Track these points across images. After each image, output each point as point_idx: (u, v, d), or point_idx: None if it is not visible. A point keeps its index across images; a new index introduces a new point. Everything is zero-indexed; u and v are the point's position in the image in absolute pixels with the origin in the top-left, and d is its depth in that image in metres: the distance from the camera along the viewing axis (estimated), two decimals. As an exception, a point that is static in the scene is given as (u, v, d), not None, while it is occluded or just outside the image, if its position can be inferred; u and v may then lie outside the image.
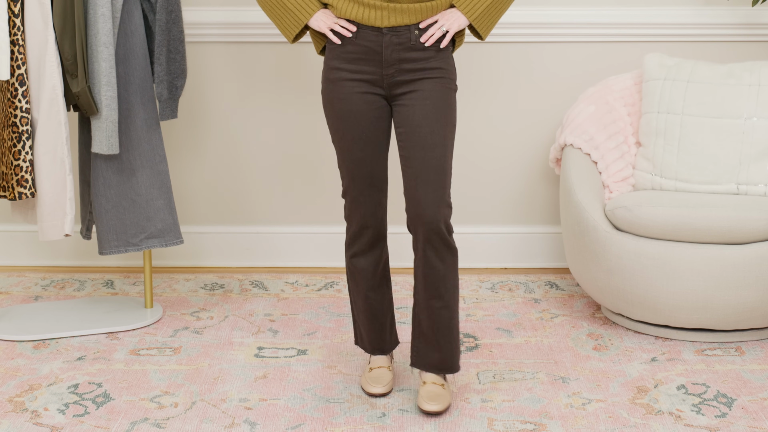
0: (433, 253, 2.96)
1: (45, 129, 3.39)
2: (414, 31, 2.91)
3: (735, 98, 3.68)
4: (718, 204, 3.45)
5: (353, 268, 3.11)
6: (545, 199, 4.28)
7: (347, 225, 3.07)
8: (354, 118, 2.95)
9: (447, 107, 2.94)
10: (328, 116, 3.00)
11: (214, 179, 4.27)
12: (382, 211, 3.05)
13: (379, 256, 3.09)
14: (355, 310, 3.19)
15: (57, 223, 3.43)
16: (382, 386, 3.10)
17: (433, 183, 2.91)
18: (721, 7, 4.11)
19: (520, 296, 3.98)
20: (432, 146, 2.90)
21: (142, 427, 2.92)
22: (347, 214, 3.05)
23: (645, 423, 2.94)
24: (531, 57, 4.18)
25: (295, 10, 2.96)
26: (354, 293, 3.16)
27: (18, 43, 3.35)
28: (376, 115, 2.96)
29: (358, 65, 2.93)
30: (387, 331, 3.18)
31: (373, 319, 3.15)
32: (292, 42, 3.01)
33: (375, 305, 3.13)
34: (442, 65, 2.95)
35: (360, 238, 3.05)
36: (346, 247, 3.10)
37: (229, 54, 4.17)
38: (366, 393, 3.12)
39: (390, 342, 3.21)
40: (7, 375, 3.26)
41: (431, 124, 2.91)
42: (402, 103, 2.95)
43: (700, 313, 3.43)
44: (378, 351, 3.19)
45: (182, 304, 3.88)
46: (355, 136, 2.95)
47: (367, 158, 2.97)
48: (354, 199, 3.01)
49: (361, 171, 2.98)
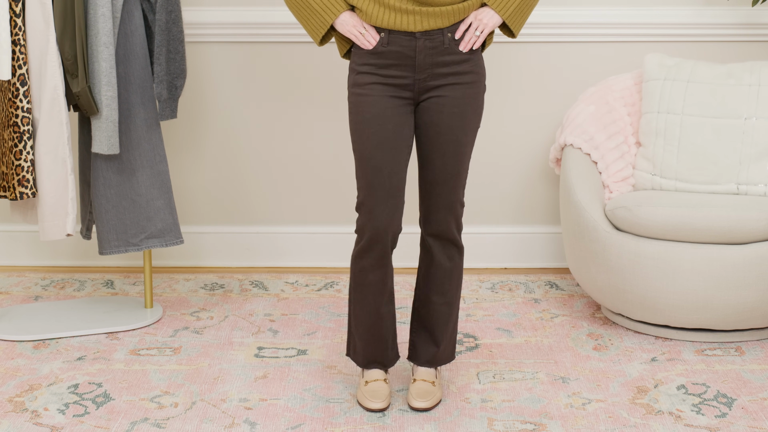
0: (441, 251, 2.99)
1: (46, 129, 3.39)
2: (447, 34, 2.84)
3: (735, 98, 3.68)
4: (718, 204, 3.45)
5: (363, 280, 2.97)
6: (545, 199, 4.28)
7: (358, 237, 2.93)
8: (379, 123, 2.84)
9: (474, 114, 2.89)
10: (353, 121, 2.89)
11: (214, 179, 4.27)
12: (397, 224, 2.91)
13: (387, 271, 2.97)
14: (353, 321, 3.06)
15: (59, 222, 3.43)
16: (381, 401, 3.00)
17: (449, 187, 2.91)
18: (721, 7, 4.11)
19: (520, 296, 3.98)
20: (453, 154, 2.88)
21: (142, 427, 2.92)
22: (360, 226, 2.91)
23: (645, 423, 2.94)
24: (531, 57, 4.18)
25: (320, 10, 2.86)
26: (357, 305, 3.03)
27: (19, 43, 3.35)
28: (402, 120, 2.87)
29: (389, 70, 2.85)
30: (389, 346, 3.08)
31: (376, 334, 3.03)
32: (320, 45, 2.92)
33: (383, 321, 3.02)
34: (474, 68, 2.88)
35: (370, 251, 2.92)
36: (355, 258, 2.96)
37: (229, 54, 4.17)
38: (364, 408, 3.02)
39: (391, 357, 3.10)
40: (7, 375, 3.26)
41: (455, 132, 2.87)
42: (428, 107, 2.87)
43: (700, 313, 3.43)
44: (377, 365, 3.08)
45: (182, 304, 3.88)
46: (378, 142, 2.84)
47: (387, 165, 2.85)
48: (370, 211, 2.88)
49: (380, 180, 2.85)
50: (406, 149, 2.89)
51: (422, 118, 2.89)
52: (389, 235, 2.90)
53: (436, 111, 2.86)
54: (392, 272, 3.00)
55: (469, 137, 2.90)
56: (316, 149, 4.24)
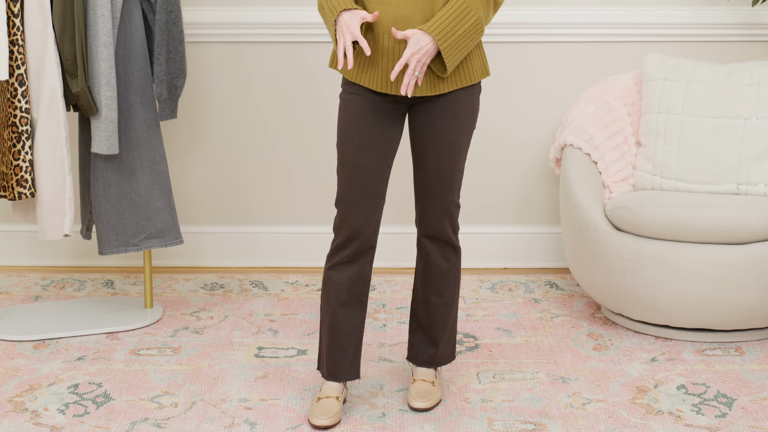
0: (437, 252, 2.98)
1: (44, 129, 3.39)
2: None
3: (735, 98, 3.68)
4: (718, 204, 3.45)
5: (328, 281, 2.91)
6: (545, 199, 4.28)
7: (334, 236, 2.89)
8: (365, 123, 2.82)
9: (468, 115, 2.86)
10: (340, 119, 2.85)
11: (214, 179, 4.27)
12: (374, 225, 2.87)
13: (358, 272, 2.90)
14: (321, 329, 2.99)
15: (56, 223, 3.43)
16: (327, 418, 2.89)
17: (444, 189, 2.89)
18: (721, 7, 4.11)
19: (520, 296, 3.98)
20: (447, 155, 2.86)
21: (142, 427, 2.92)
22: (336, 224, 2.87)
23: (645, 423, 2.94)
24: (531, 57, 4.18)
25: (329, 13, 2.76)
26: (323, 310, 2.96)
27: (17, 43, 3.35)
28: (389, 123, 2.84)
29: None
30: (348, 358, 2.96)
31: (335, 339, 2.93)
32: None
33: (341, 324, 2.93)
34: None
35: (343, 249, 2.87)
36: (328, 257, 2.91)
37: (229, 54, 4.17)
38: (310, 424, 2.92)
39: (348, 371, 2.97)
40: (7, 375, 3.26)
41: (449, 134, 2.85)
42: (422, 109, 2.85)
43: (700, 313, 3.43)
44: (332, 377, 2.97)
45: (182, 304, 3.88)
46: (362, 142, 2.82)
47: (369, 167, 2.82)
48: (347, 209, 2.84)
49: (360, 180, 2.82)
50: (391, 152, 2.86)
51: (416, 119, 2.87)
52: (365, 234, 2.86)
53: (429, 113, 2.84)
54: (366, 279, 2.93)
55: (464, 139, 2.87)
56: (316, 149, 4.24)
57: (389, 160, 2.87)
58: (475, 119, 2.90)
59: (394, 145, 2.87)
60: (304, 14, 4.11)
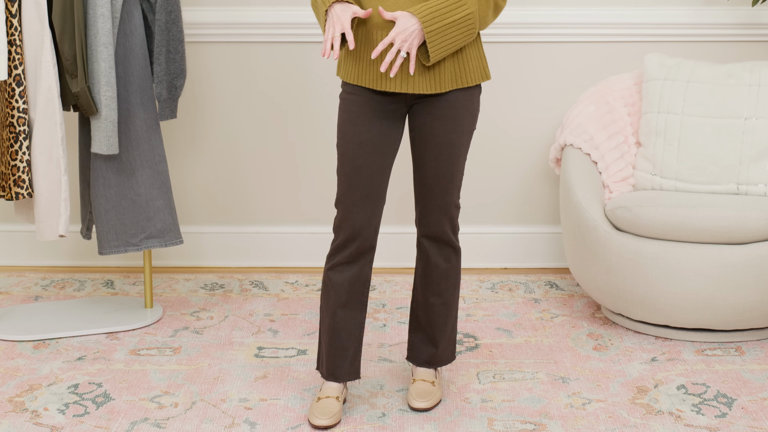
0: (437, 252, 2.98)
1: (41, 129, 3.39)
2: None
3: (735, 98, 3.68)
4: (718, 204, 3.45)
5: (328, 281, 2.91)
6: (545, 199, 4.28)
7: (334, 236, 2.89)
8: (365, 124, 2.81)
9: (468, 116, 2.85)
10: (340, 119, 2.85)
11: (214, 179, 4.27)
12: (374, 226, 2.87)
13: (358, 273, 2.91)
14: (321, 329, 2.99)
15: (52, 223, 3.43)
16: (327, 418, 2.89)
17: (443, 189, 2.89)
18: (721, 7, 4.11)
19: (520, 296, 3.98)
20: (447, 156, 2.86)
21: (142, 427, 2.92)
22: (336, 225, 2.87)
23: (645, 423, 2.94)
24: (531, 57, 4.18)
25: (320, 6, 2.75)
26: (323, 311, 2.96)
27: (15, 43, 3.35)
28: (389, 123, 2.84)
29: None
30: (348, 358, 2.96)
31: (335, 339, 2.94)
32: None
33: (341, 324, 2.93)
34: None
35: (343, 250, 2.88)
36: (328, 257, 2.91)
37: (229, 54, 4.17)
38: (310, 424, 2.92)
39: (348, 371, 2.98)
40: (7, 375, 3.26)
41: (449, 134, 2.84)
42: (421, 109, 2.84)
43: (700, 313, 3.43)
44: (332, 377, 2.97)
45: (182, 304, 3.88)
46: (362, 142, 2.81)
47: (369, 167, 2.82)
48: (347, 210, 2.84)
49: (360, 180, 2.82)
50: (391, 152, 2.86)
51: (416, 120, 2.87)
52: (365, 235, 2.86)
53: (429, 113, 2.84)
54: (366, 279, 2.93)
55: (464, 139, 2.87)
56: (316, 149, 4.24)
57: (389, 161, 2.87)
58: (475, 120, 2.89)
59: (394, 146, 2.87)
60: (304, 14, 4.11)
